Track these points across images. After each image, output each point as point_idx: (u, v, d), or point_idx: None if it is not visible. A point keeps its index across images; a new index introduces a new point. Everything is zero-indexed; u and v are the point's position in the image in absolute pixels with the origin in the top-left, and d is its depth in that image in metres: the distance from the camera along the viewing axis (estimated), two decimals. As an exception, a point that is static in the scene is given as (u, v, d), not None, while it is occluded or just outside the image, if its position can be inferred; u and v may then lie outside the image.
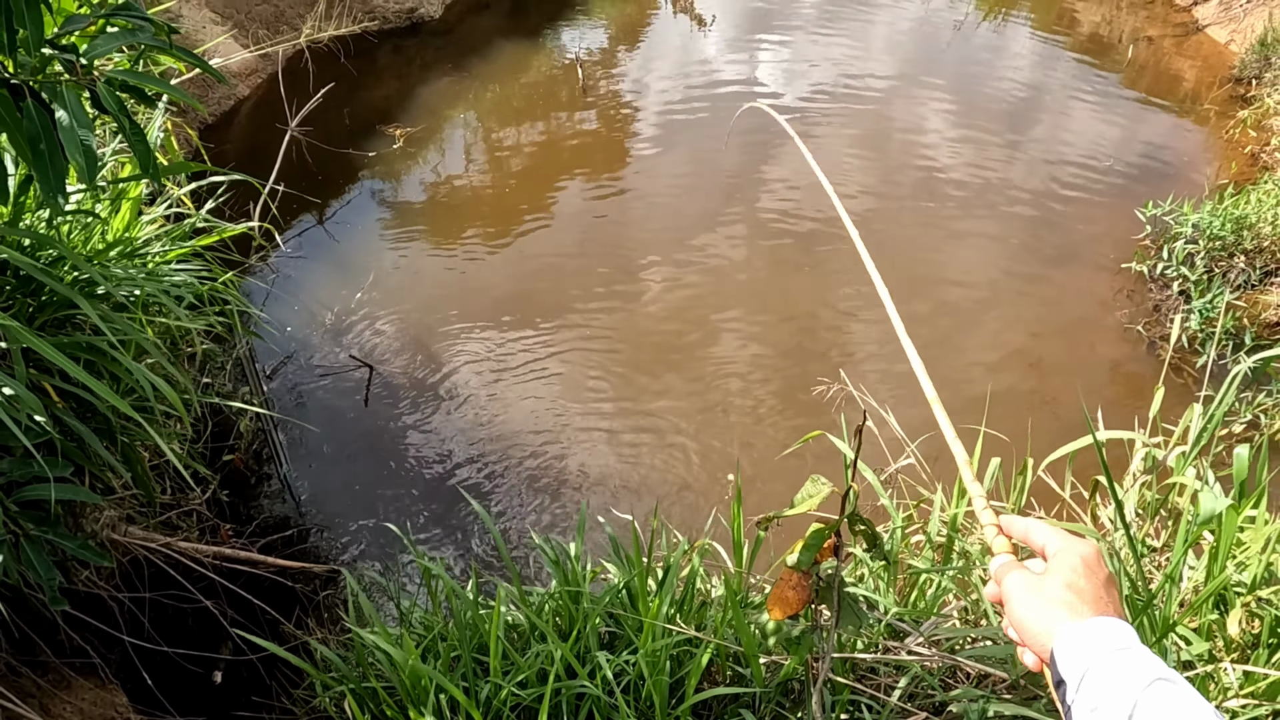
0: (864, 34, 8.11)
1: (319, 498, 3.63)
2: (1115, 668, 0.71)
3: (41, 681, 2.46)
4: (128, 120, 1.47)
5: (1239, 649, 1.68)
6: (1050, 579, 0.80)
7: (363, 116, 6.35)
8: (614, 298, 4.71)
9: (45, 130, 1.47)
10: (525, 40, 7.80)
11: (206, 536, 3.04)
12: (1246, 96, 6.46)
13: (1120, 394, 4.14)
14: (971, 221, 5.39)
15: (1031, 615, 0.79)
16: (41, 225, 2.14)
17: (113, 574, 2.59)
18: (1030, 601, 0.79)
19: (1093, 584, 0.78)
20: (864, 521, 1.69)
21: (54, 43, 1.55)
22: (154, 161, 1.52)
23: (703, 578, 2.29)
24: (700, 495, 3.63)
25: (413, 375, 4.21)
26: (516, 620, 2.25)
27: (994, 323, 4.61)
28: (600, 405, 4.06)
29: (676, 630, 1.90)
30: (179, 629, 2.77)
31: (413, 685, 1.96)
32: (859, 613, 1.73)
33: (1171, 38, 7.82)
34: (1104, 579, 0.79)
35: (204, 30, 6.32)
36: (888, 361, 4.29)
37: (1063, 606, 0.77)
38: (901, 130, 6.42)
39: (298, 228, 5.26)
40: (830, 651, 1.73)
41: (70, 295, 1.84)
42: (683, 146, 6.22)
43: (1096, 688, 0.71)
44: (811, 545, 1.65)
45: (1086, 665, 0.72)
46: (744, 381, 4.18)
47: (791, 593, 1.70)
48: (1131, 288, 4.73)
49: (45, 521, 1.87)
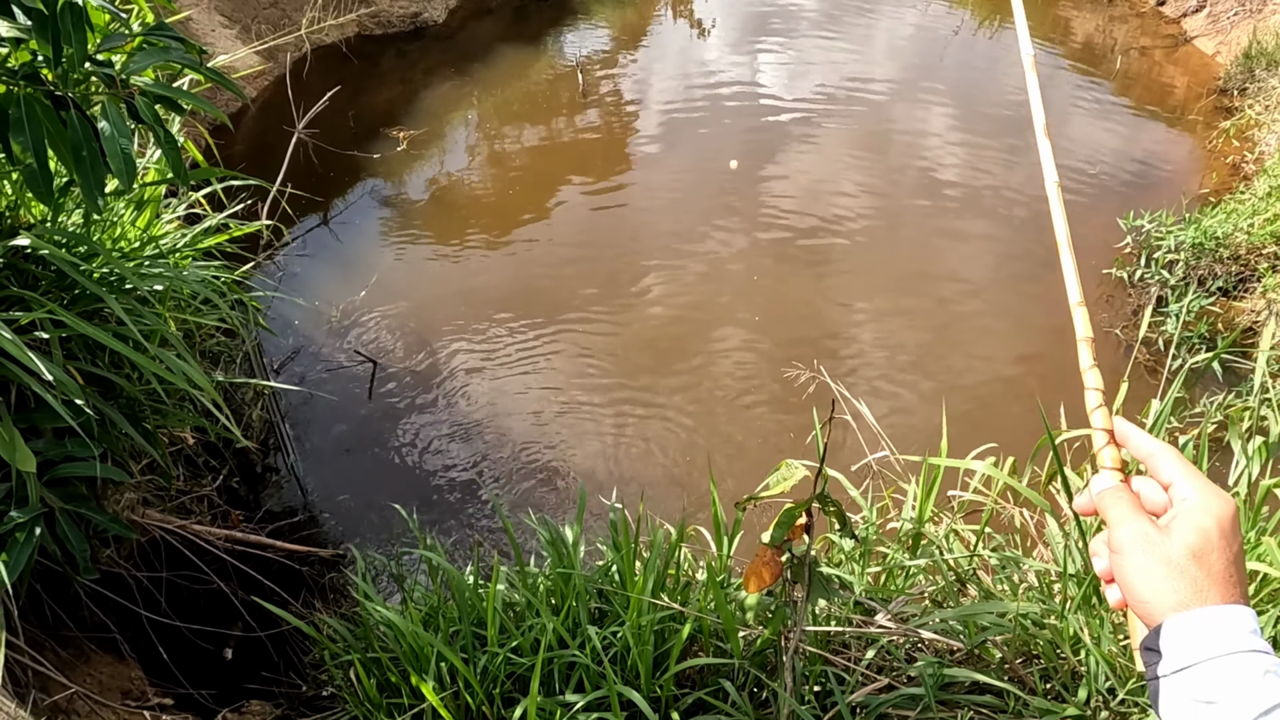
0: (863, 39, 8.27)
1: (324, 486, 3.77)
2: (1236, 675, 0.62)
3: (64, 653, 2.60)
4: (162, 130, 1.62)
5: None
6: (1175, 541, 0.68)
7: (367, 119, 6.50)
8: (613, 297, 4.86)
9: (87, 139, 1.62)
10: (527, 45, 7.95)
11: (218, 521, 3.19)
12: (1230, 107, 6.61)
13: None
14: (966, 223, 5.55)
15: (1146, 582, 0.68)
16: (71, 224, 2.29)
17: (132, 553, 2.73)
18: (1146, 565, 0.68)
19: (1224, 559, 0.66)
20: (832, 502, 1.84)
21: (94, 59, 1.70)
22: (184, 168, 1.67)
23: (689, 560, 2.44)
24: (691, 484, 3.78)
25: (415, 370, 4.36)
26: (512, 599, 2.39)
27: (984, 320, 4.76)
28: (596, 401, 4.21)
29: (661, 605, 2.05)
30: (192, 607, 2.92)
31: (415, 654, 2.10)
32: (827, 588, 1.88)
33: (1161, 48, 7.98)
34: (1236, 552, 0.67)
35: (214, 33, 6.47)
36: (884, 361, 4.44)
37: (1186, 582, 0.66)
38: (901, 133, 6.57)
39: (304, 226, 5.41)
40: (802, 624, 1.88)
41: (99, 292, 1.99)
42: (683, 149, 6.37)
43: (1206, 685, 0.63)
44: (783, 523, 1.80)
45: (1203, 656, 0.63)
46: (737, 379, 4.33)
47: (765, 568, 1.85)
48: (1111, 293, 4.88)
49: (75, 498, 2.02)
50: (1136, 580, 0.68)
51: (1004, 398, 4.27)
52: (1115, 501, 0.73)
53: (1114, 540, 0.72)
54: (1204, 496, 0.69)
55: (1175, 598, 0.65)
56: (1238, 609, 0.65)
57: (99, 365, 2.12)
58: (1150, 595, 0.67)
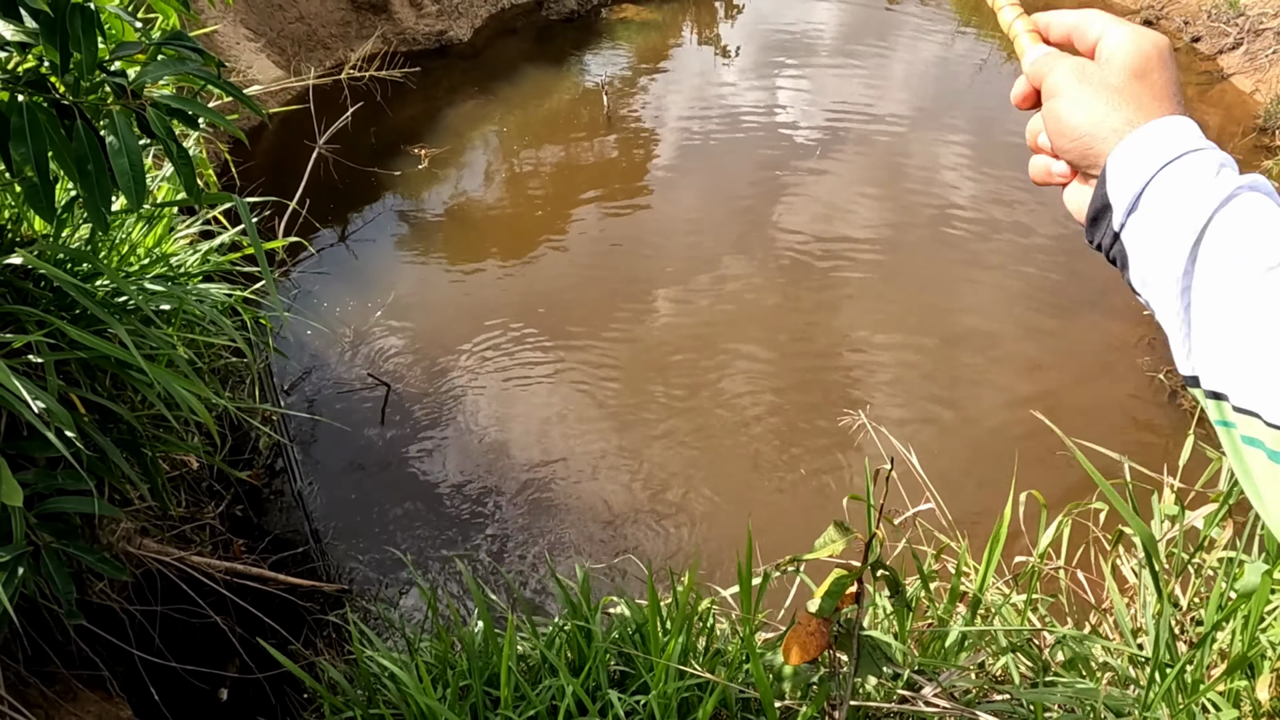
0: (885, 70, 8.17)
1: (332, 515, 3.63)
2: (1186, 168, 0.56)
3: (49, 692, 2.45)
4: (175, 145, 1.49)
5: (1267, 715, 1.65)
6: (1115, 65, 0.61)
7: (388, 136, 6.43)
8: (629, 323, 4.73)
9: (93, 152, 1.50)
10: (551, 66, 7.89)
11: (219, 551, 3.04)
12: (1271, 146, 6.46)
13: (1138, 441, 4.11)
14: (988, 259, 5.39)
15: (1081, 112, 0.61)
16: (76, 240, 2.17)
17: (125, 586, 2.59)
18: (1082, 95, 0.61)
19: (1165, 76, 0.60)
20: (887, 568, 1.68)
21: (105, 67, 1.58)
22: (196, 185, 1.54)
23: (716, 620, 2.27)
24: (713, 528, 3.61)
25: (428, 394, 4.23)
26: (525, 651, 2.23)
27: (1011, 363, 4.59)
28: (612, 432, 4.06)
29: (690, 673, 1.88)
30: (187, 643, 2.77)
31: (422, 714, 1.94)
32: (877, 661, 1.71)
33: (1195, 85, 7.84)
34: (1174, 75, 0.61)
35: (238, 45, 6.43)
36: (905, 398, 4.27)
37: (1128, 100, 0.59)
38: (920, 165, 6.44)
39: (321, 243, 5.31)
40: (848, 699, 1.71)
41: (100, 314, 1.86)
42: (702, 174, 6.27)
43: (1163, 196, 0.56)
44: (834, 592, 1.64)
45: (1154, 168, 0.57)
46: (757, 417, 4.17)
47: (810, 638, 1.69)
48: (1153, 335, 4.70)
49: (66, 534, 1.88)
50: (1074, 114, 0.61)
51: (1031, 443, 4.09)
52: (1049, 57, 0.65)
53: (1049, 83, 0.64)
54: (1137, 31, 0.62)
55: (1120, 117, 0.59)
56: (1183, 119, 0.59)
57: (98, 391, 1.99)
58: (1091, 124, 0.60)
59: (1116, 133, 0.59)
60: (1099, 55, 0.63)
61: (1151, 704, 1.43)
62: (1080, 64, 0.63)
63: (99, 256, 2.09)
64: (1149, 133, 0.58)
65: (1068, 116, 0.62)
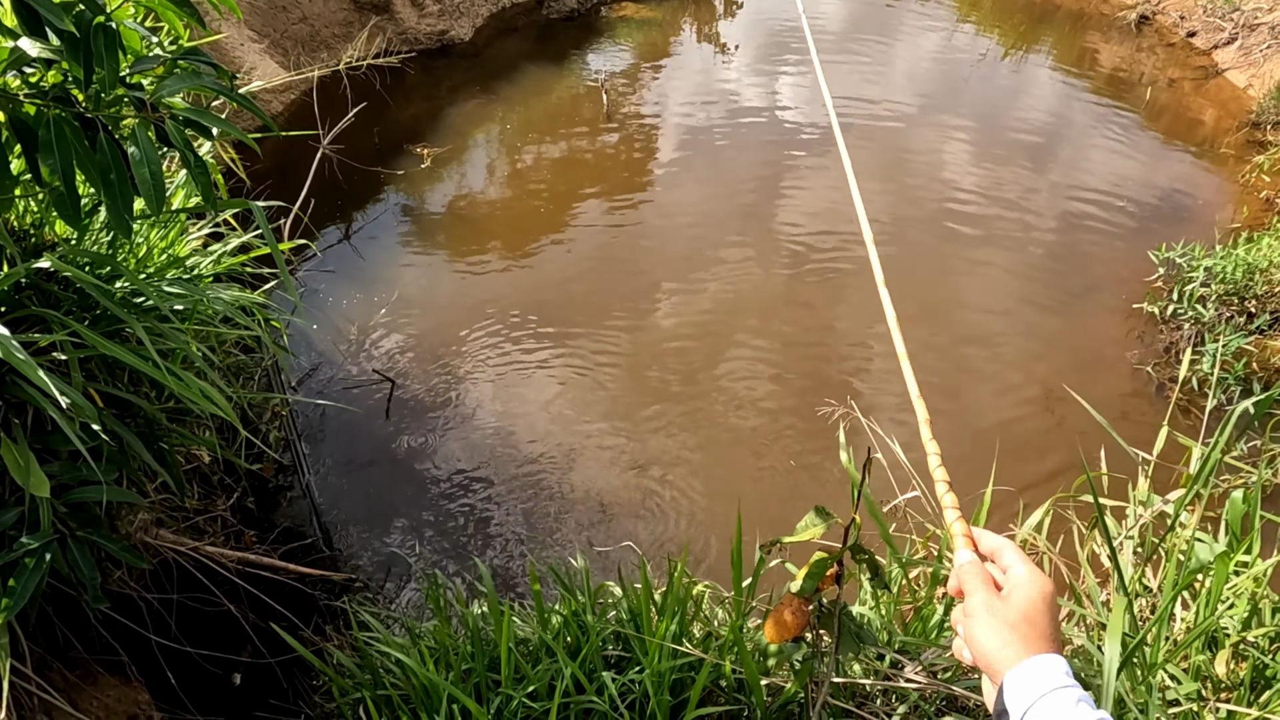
0: (885, 64, 8.24)
1: (340, 506, 3.73)
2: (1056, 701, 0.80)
3: (71, 675, 2.56)
4: (192, 155, 1.59)
5: (1226, 689, 1.74)
6: (1012, 607, 0.86)
7: (392, 135, 6.52)
8: (631, 317, 4.82)
9: (116, 162, 1.59)
10: (551, 64, 7.97)
11: (231, 541, 3.15)
12: (1263, 141, 6.51)
13: (1126, 434, 4.18)
14: (988, 253, 5.47)
15: (990, 641, 0.86)
16: (96, 245, 2.27)
17: (143, 574, 2.69)
18: (989, 625, 0.86)
19: (1046, 620, 0.85)
20: (865, 552, 1.77)
21: (125, 81, 1.68)
22: (214, 194, 1.64)
23: (707, 603, 2.37)
24: (707, 516, 3.71)
25: (433, 389, 4.33)
26: (525, 635, 2.33)
27: (1006, 355, 4.67)
28: (613, 425, 4.15)
29: (682, 651, 1.98)
30: (201, 630, 2.88)
31: (426, 694, 2.04)
32: (858, 639, 1.81)
33: (1190, 80, 7.89)
34: (1054, 617, 0.87)
35: (242, 47, 6.52)
36: (900, 388, 4.36)
37: (1020, 640, 0.84)
38: (921, 159, 6.52)
39: (326, 242, 5.41)
40: (830, 676, 1.81)
41: (121, 314, 1.96)
42: (702, 169, 6.35)
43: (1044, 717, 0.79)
44: (814, 573, 1.73)
45: (1033, 698, 0.80)
46: (754, 407, 4.26)
47: (790, 617, 1.78)
48: (1142, 329, 4.79)
49: (90, 523, 1.98)
50: (983, 639, 0.86)
51: (1025, 432, 4.17)
52: (971, 574, 0.92)
53: (967, 606, 0.90)
54: (1034, 575, 0.89)
55: (1011, 650, 0.84)
56: (1055, 658, 0.83)
57: (118, 386, 2.09)
58: (993, 651, 0.85)
59: (1008, 662, 0.84)
60: (1004, 590, 0.89)
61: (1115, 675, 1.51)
62: (989, 601, 0.88)
63: (119, 260, 2.19)
64: (1029, 668, 0.82)
65: (980, 641, 0.86)
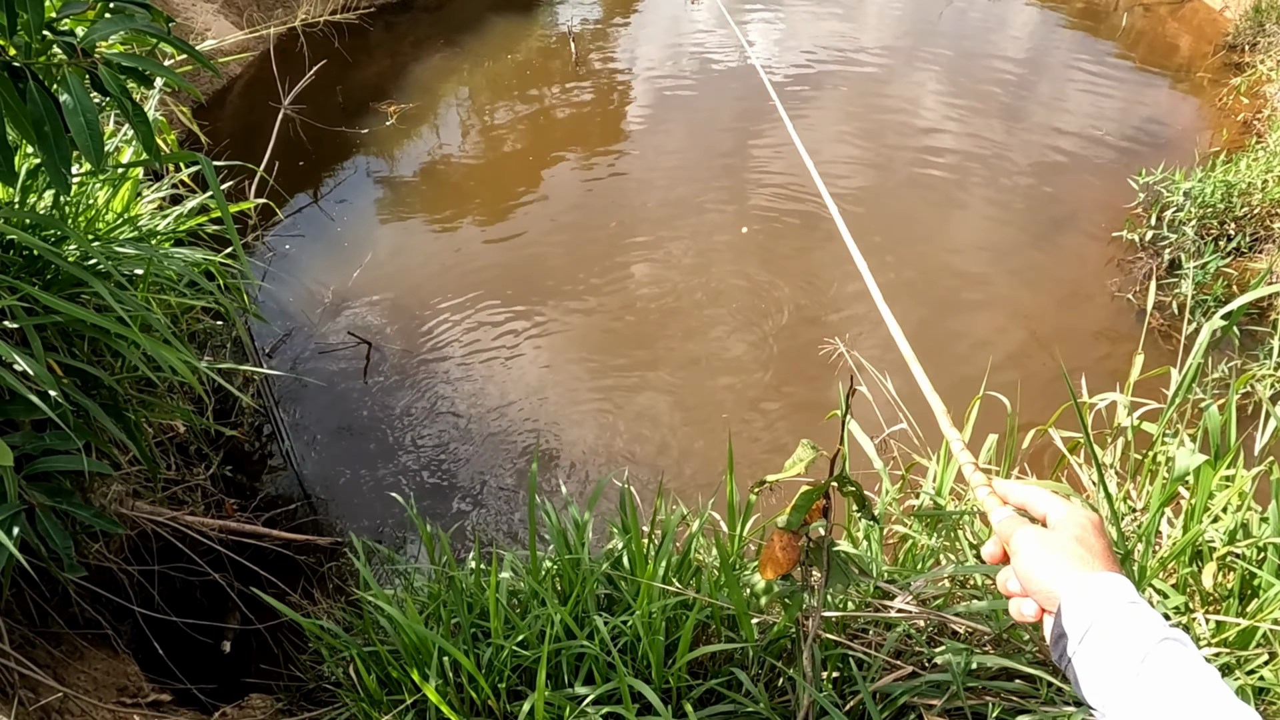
0: (858, 6, 8.07)
1: (321, 472, 3.69)
2: (1126, 620, 0.75)
3: (55, 652, 2.53)
4: (130, 102, 1.50)
5: (1213, 601, 1.75)
6: (1062, 534, 0.83)
7: (356, 94, 6.34)
8: (608, 270, 4.75)
9: (49, 113, 1.50)
10: (517, 15, 7.75)
11: (212, 511, 3.10)
12: (1239, 64, 6.45)
13: (1108, 360, 4.20)
14: (967, 191, 5.42)
15: (1043, 566, 0.82)
16: (42, 206, 2.17)
17: (122, 547, 2.65)
18: (1042, 553, 0.83)
19: (1101, 542, 0.82)
20: (852, 483, 1.75)
21: (53, 26, 1.58)
22: (155, 143, 1.55)
23: (700, 544, 2.35)
24: (697, 463, 3.70)
25: (410, 351, 4.26)
26: (517, 587, 2.31)
27: (989, 291, 4.65)
28: (596, 379, 4.11)
29: (673, 591, 1.96)
30: (188, 601, 2.84)
31: (416, 648, 2.02)
32: (847, 572, 1.80)
33: (1166, 5, 7.78)
34: (1107, 542, 0.83)
35: (194, 6, 6.28)
36: (885, 332, 4.34)
37: (1074, 559, 0.81)
38: (897, 101, 6.42)
39: (294, 206, 5.28)
40: (820, 610, 1.80)
41: (80, 274, 1.88)
42: (676, 121, 6.22)
43: (1105, 638, 0.74)
44: (800, 506, 1.71)
45: (1094, 617, 0.76)
46: (741, 353, 4.23)
47: (781, 553, 1.76)
48: (1123, 256, 4.77)
49: (57, 493, 1.93)
50: (1037, 568, 0.83)
51: (1012, 365, 4.17)
52: (1011, 520, 0.89)
53: (1014, 543, 0.86)
54: (1073, 507, 0.86)
55: (1069, 569, 0.80)
56: (1118, 577, 0.79)
57: (77, 356, 2.02)
58: (1051, 577, 0.81)
59: (1068, 581, 0.80)
60: (1050, 524, 0.86)
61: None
62: (1038, 532, 0.85)
63: (66, 221, 2.10)
64: (1093, 585, 0.78)
65: (1034, 570, 0.83)
